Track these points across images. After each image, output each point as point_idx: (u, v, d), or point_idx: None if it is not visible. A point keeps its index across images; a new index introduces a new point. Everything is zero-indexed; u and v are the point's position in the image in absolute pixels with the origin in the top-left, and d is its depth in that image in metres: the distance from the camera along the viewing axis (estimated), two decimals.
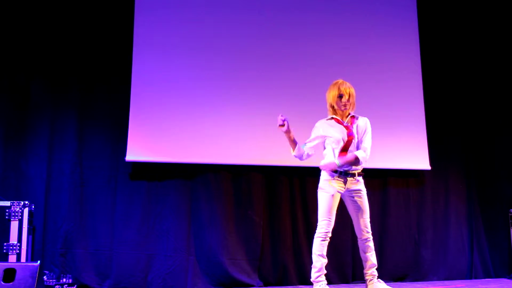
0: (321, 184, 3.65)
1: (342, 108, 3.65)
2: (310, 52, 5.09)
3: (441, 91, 5.50)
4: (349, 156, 3.57)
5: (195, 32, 4.91)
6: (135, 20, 4.81)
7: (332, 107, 3.70)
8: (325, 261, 3.54)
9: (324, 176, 3.65)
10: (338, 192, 3.60)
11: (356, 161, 3.57)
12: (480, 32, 5.67)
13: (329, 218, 3.55)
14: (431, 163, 5.20)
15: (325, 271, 3.55)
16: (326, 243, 3.55)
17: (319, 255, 3.52)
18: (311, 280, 3.55)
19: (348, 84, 3.67)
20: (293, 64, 5.04)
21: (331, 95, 3.68)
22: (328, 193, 3.58)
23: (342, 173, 3.59)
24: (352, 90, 3.65)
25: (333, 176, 3.59)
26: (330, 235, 3.56)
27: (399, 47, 5.34)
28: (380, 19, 5.35)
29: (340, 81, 3.69)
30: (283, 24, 5.10)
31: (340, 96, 3.63)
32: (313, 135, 3.74)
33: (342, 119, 3.68)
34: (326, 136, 3.68)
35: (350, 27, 5.26)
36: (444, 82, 5.53)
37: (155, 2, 4.90)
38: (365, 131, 3.68)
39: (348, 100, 3.62)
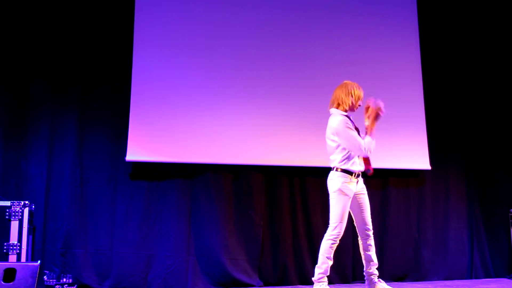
0: (341, 186, 3.51)
1: (354, 110, 3.66)
2: (310, 51, 5.09)
3: (441, 91, 5.50)
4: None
5: (196, 31, 4.91)
6: (135, 20, 4.81)
7: (350, 105, 3.62)
8: (331, 263, 3.52)
9: (340, 178, 3.53)
10: (353, 194, 3.56)
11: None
12: (480, 32, 5.67)
13: (343, 221, 3.51)
14: (431, 163, 5.20)
15: (328, 273, 3.53)
16: (336, 246, 3.53)
17: (327, 257, 3.49)
18: (313, 279, 3.52)
19: None
20: (293, 64, 5.04)
21: (356, 95, 3.63)
22: (347, 195, 3.51)
23: (357, 174, 3.57)
24: None
25: (349, 179, 3.53)
26: (340, 237, 3.55)
27: (399, 47, 5.34)
28: (380, 19, 5.34)
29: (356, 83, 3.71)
30: (283, 23, 5.10)
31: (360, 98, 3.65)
32: (353, 133, 3.55)
33: None
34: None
35: (350, 27, 5.26)
36: (444, 82, 5.53)
37: (155, 1, 4.90)
38: None
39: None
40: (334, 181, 3.56)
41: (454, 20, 5.64)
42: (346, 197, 3.52)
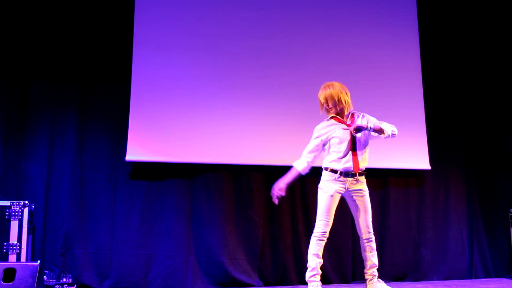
0: (321, 184, 3.63)
1: (328, 114, 3.69)
2: (310, 51, 5.10)
3: (441, 91, 5.50)
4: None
5: (195, 31, 4.91)
6: (135, 19, 4.81)
7: (324, 110, 3.72)
8: (320, 261, 3.53)
9: (325, 176, 3.63)
10: (338, 192, 3.58)
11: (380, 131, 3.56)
12: (481, 31, 5.67)
13: (327, 219, 3.55)
14: (431, 163, 5.20)
15: (320, 272, 3.54)
16: (323, 243, 3.54)
17: (314, 254, 3.52)
18: (306, 279, 3.55)
19: (328, 88, 3.62)
20: (293, 63, 5.04)
21: (320, 100, 3.69)
22: (327, 193, 3.57)
23: (343, 174, 3.58)
24: (329, 93, 3.59)
25: (333, 177, 3.58)
26: (327, 235, 3.55)
27: (399, 47, 5.34)
28: (380, 18, 5.34)
29: (323, 85, 3.68)
30: (283, 23, 5.10)
31: (321, 104, 3.66)
32: (312, 142, 3.69)
33: (342, 118, 3.67)
34: (328, 138, 3.64)
35: (350, 27, 5.26)
36: (444, 82, 5.53)
37: (155, 1, 4.89)
38: (368, 120, 3.68)
39: (328, 104, 3.61)
40: (321, 179, 3.65)
41: (454, 20, 5.64)
42: (325, 194, 3.56)
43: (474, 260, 5.22)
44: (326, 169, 3.64)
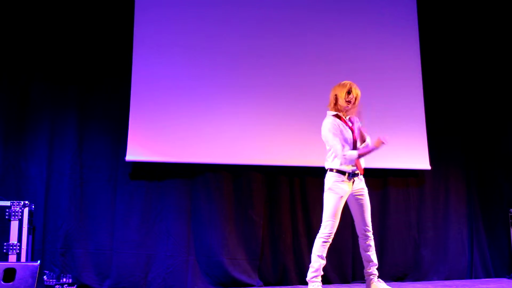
0: (332, 185, 3.58)
1: (346, 103, 3.63)
2: (310, 51, 5.09)
3: (441, 91, 5.50)
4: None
5: (195, 31, 4.91)
6: (135, 19, 4.80)
7: (336, 100, 3.67)
8: (324, 262, 3.53)
9: (333, 177, 3.60)
10: (347, 193, 3.59)
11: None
12: (481, 31, 5.67)
13: (334, 220, 3.54)
14: (431, 163, 5.20)
15: (321, 273, 3.54)
16: (328, 244, 3.54)
17: (318, 256, 3.52)
18: (307, 279, 3.55)
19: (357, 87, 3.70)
20: (293, 63, 5.03)
21: (339, 89, 3.67)
22: (337, 194, 3.55)
23: (350, 174, 3.59)
24: (360, 94, 3.66)
25: (342, 178, 3.57)
26: (333, 236, 3.55)
27: (399, 47, 5.34)
28: (380, 18, 5.35)
29: (351, 82, 3.70)
30: (283, 22, 5.10)
31: (349, 92, 3.63)
32: (336, 133, 3.61)
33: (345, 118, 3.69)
34: (341, 135, 3.64)
35: (350, 27, 5.26)
36: (444, 82, 5.53)
37: (155, 1, 4.89)
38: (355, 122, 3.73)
39: (355, 98, 3.63)
40: (327, 181, 3.63)
41: (454, 20, 5.64)
42: (336, 195, 3.55)
43: (474, 260, 5.22)
44: (332, 170, 3.62)
